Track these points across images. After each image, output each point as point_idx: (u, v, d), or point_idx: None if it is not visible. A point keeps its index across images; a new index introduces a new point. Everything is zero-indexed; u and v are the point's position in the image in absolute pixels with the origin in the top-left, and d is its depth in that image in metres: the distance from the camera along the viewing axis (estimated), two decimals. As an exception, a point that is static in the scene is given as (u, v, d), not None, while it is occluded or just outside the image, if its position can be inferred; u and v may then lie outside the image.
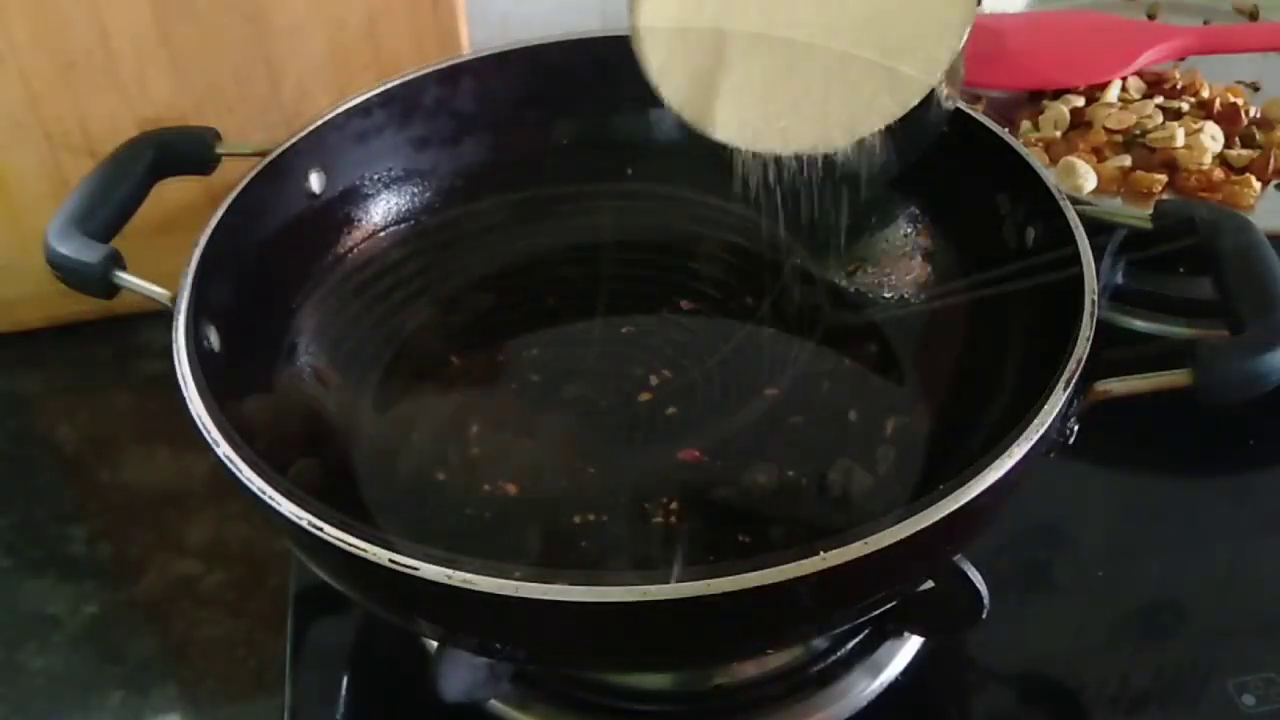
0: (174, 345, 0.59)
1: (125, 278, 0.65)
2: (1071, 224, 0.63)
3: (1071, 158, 0.85)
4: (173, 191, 0.75)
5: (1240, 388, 0.56)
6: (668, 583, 0.58)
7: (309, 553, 0.55)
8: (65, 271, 0.65)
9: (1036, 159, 0.68)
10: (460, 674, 0.59)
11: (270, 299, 0.72)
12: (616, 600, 0.50)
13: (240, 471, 0.54)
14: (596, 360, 0.76)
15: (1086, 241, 0.62)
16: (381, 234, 0.79)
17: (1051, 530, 0.75)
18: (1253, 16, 1.03)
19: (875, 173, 0.69)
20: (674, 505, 0.67)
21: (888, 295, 0.78)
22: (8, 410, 0.87)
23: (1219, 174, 0.84)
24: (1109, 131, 0.87)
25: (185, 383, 0.57)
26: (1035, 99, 0.93)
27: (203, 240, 0.65)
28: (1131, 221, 0.69)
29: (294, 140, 0.72)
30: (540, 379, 0.75)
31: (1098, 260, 0.62)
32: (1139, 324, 0.81)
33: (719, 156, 0.69)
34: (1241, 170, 0.85)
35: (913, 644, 0.68)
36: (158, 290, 0.63)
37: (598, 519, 0.66)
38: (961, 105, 0.74)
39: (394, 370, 0.76)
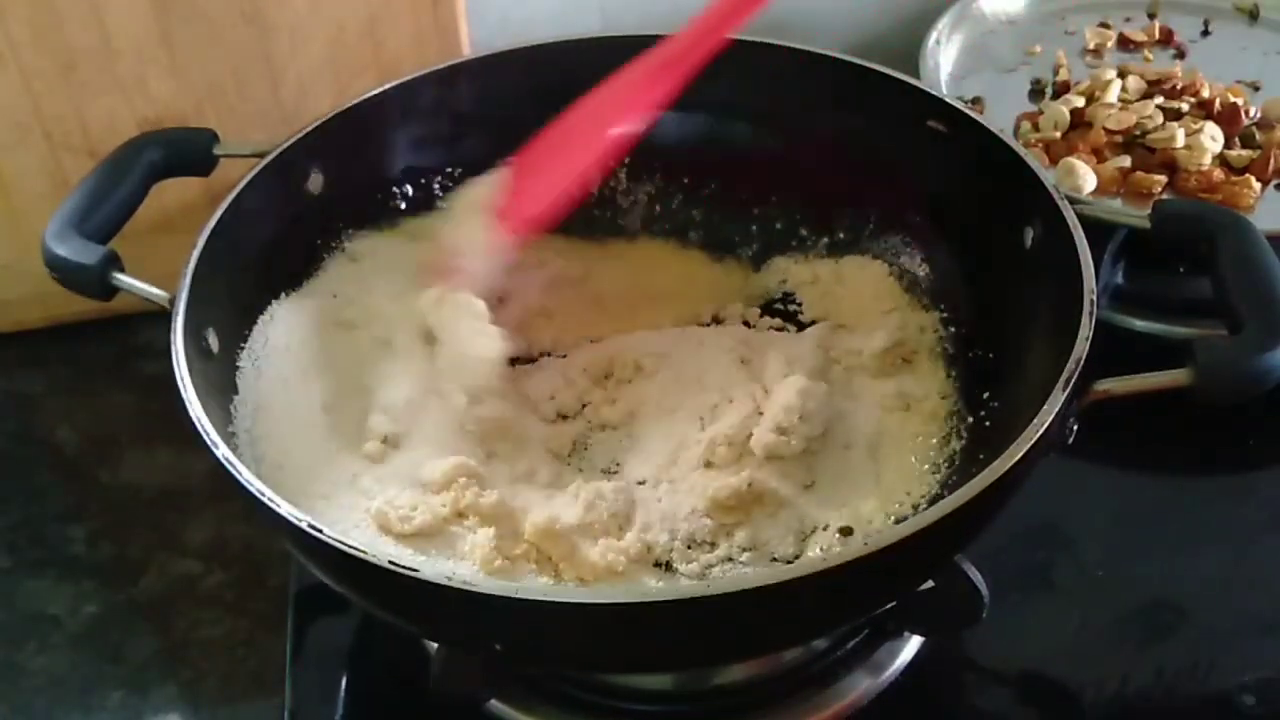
0: (173, 347, 0.59)
1: (123, 279, 0.65)
2: (1071, 224, 0.63)
3: (1071, 158, 0.85)
4: (172, 191, 0.75)
5: (1239, 388, 0.56)
6: (668, 585, 0.58)
7: (308, 555, 0.55)
8: (63, 273, 0.65)
9: (1036, 160, 0.68)
10: (460, 674, 0.59)
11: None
12: (617, 602, 0.50)
13: (239, 473, 0.54)
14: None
15: (1086, 242, 0.62)
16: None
17: (1051, 530, 0.75)
18: (1253, 16, 1.03)
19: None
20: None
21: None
22: (8, 410, 0.87)
23: (1219, 174, 0.83)
24: (1109, 132, 0.87)
25: (184, 384, 0.58)
26: (1035, 98, 0.94)
27: (201, 241, 0.65)
28: (1131, 221, 0.69)
29: (293, 140, 0.72)
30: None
31: (1097, 260, 0.62)
32: (1139, 324, 0.81)
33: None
34: (1241, 170, 0.85)
35: (913, 644, 0.68)
36: (156, 291, 0.63)
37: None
38: (961, 107, 0.74)
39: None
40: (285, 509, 0.52)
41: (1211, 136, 0.85)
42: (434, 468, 0.66)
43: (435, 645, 0.62)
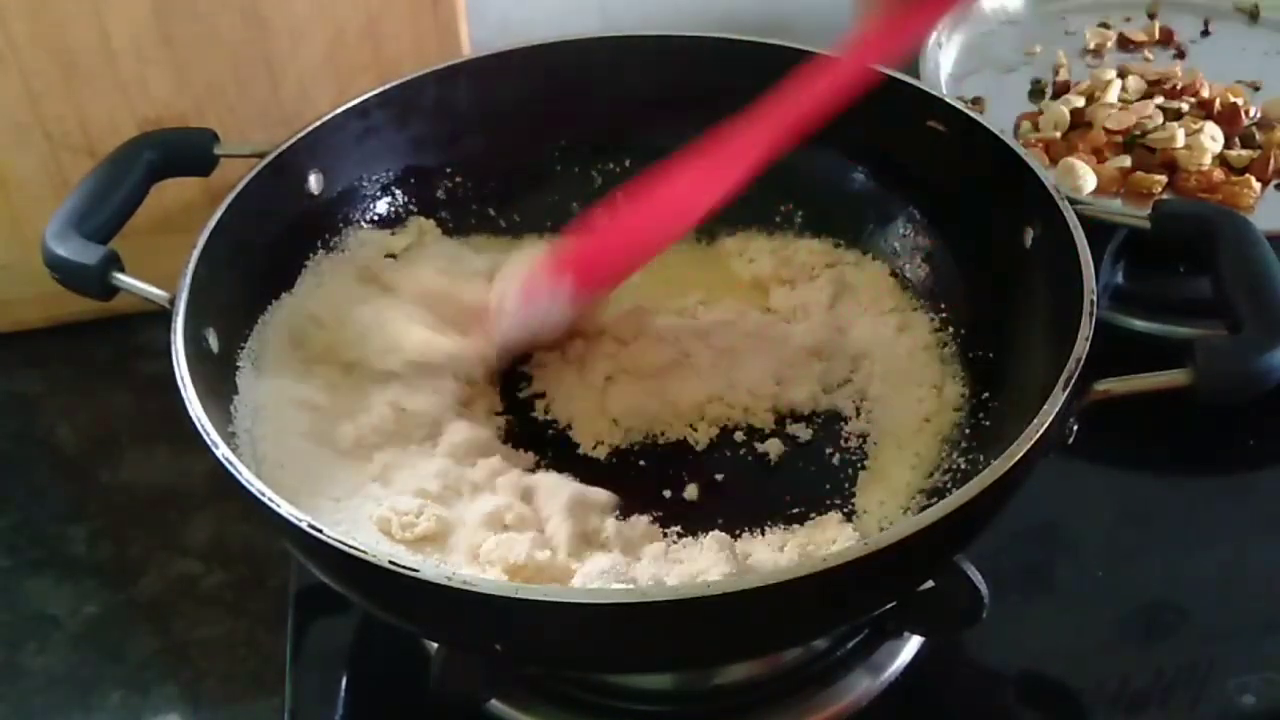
0: (172, 347, 0.59)
1: (123, 279, 0.65)
2: (1071, 224, 0.63)
3: (1071, 158, 0.85)
4: (172, 191, 0.75)
5: (1239, 387, 0.56)
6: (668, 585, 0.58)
7: (308, 555, 0.55)
8: (63, 273, 0.65)
9: (1036, 160, 0.68)
10: (460, 674, 0.59)
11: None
12: (617, 602, 0.50)
13: (239, 473, 0.54)
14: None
15: (1086, 242, 0.62)
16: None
17: (1051, 530, 0.75)
18: (1253, 16, 1.03)
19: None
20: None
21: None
22: (8, 410, 0.87)
23: (1219, 174, 0.83)
24: (1109, 132, 0.87)
25: (184, 384, 0.57)
26: (1035, 97, 0.94)
27: (201, 241, 0.65)
28: (1131, 221, 0.69)
29: (293, 141, 0.73)
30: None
31: (1097, 260, 0.62)
32: (1139, 324, 0.81)
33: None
34: (1241, 170, 0.85)
35: (913, 644, 0.68)
36: (156, 291, 0.63)
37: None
38: (961, 106, 0.74)
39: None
40: (285, 509, 0.52)
41: (1211, 136, 0.85)
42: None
43: (435, 645, 0.62)
